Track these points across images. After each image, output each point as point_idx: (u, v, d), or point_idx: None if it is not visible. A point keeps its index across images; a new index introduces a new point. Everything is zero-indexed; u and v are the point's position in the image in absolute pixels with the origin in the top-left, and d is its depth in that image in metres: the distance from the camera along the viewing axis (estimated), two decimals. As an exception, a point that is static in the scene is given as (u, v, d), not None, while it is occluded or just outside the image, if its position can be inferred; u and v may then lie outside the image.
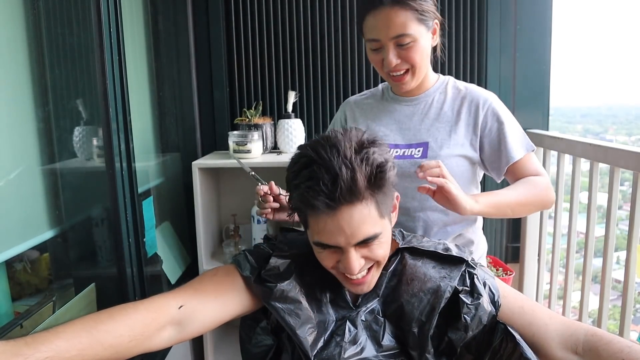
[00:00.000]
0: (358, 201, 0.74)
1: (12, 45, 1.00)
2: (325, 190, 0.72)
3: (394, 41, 1.05)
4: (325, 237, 0.76)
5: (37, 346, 0.60)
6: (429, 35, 1.10)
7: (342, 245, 0.76)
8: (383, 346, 0.83)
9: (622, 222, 1.88)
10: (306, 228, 0.83)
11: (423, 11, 1.04)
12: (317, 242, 0.78)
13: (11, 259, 0.99)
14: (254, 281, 0.83)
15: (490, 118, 1.13)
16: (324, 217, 0.74)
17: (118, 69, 1.17)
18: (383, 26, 1.04)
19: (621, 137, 8.21)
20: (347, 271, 0.78)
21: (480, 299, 0.81)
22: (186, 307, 0.76)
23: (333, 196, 0.72)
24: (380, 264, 0.82)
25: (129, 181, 1.22)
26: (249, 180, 1.95)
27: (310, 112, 1.98)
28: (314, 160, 0.75)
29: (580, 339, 0.78)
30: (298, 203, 0.78)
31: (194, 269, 1.78)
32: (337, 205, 0.73)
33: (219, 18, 1.92)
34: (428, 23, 1.07)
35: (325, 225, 0.75)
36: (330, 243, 0.76)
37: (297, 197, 0.77)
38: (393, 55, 1.06)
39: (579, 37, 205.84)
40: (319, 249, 0.80)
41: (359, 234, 0.75)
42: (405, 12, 1.03)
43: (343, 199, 0.73)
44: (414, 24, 1.04)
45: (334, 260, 0.79)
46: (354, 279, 0.80)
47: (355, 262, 0.77)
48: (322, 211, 0.74)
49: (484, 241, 1.28)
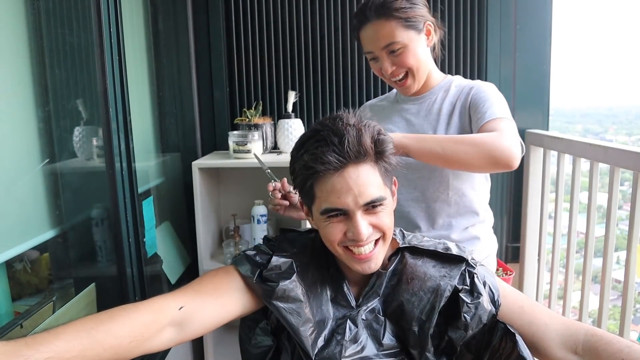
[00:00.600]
0: (364, 162, 0.78)
1: (13, 45, 1.00)
2: (333, 147, 0.76)
3: (385, 50, 1.12)
4: (333, 198, 0.77)
5: (37, 347, 0.60)
6: (422, 37, 1.14)
7: (350, 207, 0.77)
8: (383, 345, 0.83)
9: (622, 222, 1.88)
10: (311, 208, 0.84)
11: (408, 18, 1.10)
12: (325, 209, 0.79)
13: (11, 259, 0.99)
14: (255, 281, 0.83)
15: (475, 95, 1.15)
16: (332, 178, 0.77)
17: (118, 69, 1.17)
18: (372, 39, 1.12)
19: (621, 137, 8.20)
20: (356, 237, 0.78)
21: (480, 298, 0.81)
22: (186, 308, 0.76)
23: (342, 152, 0.76)
24: (386, 238, 0.83)
25: (129, 181, 1.22)
26: (249, 180, 1.96)
27: (310, 112, 1.98)
28: (319, 130, 0.79)
29: (580, 339, 0.78)
30: (305, 169, 0.79)
31: (194, 269, 1.78)
32: (345, 162, 0.76)
33: (219, 18, 1.92)
34: (417, 26, 1.12)
35: (333, 187, 0.77)
36: (338, 206, 0.77)
37: (306, 160, 0.78)
38: (388, 63, 1.13)
39: (579, 37, 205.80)
40: (325, 221, 0.80)
41: (366, 194, 0.77)
42: (389, 23, 1.09)
43: (350, 156, 0.76)
44: (401, 32, 1.10)
45: (341, 231, 0.80)
46: (361, 254, 0.80)
47: (364, 227, 0.78)
48: (330, 172, 0.76)
49: (493, 240, 1.28)
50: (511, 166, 1.00)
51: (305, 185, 0.81)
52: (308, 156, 0.78)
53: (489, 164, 1.00)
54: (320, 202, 0.80)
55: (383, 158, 0.81)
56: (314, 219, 0.86)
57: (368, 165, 0.79)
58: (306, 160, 0.78)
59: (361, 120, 0.80)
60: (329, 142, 0.76)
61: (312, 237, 0.94)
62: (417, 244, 0.90)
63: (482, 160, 1.00)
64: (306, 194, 0.83)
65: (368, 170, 0.78)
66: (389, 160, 0.82)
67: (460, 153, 1.01)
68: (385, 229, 0.81)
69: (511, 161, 0.99)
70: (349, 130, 0.77)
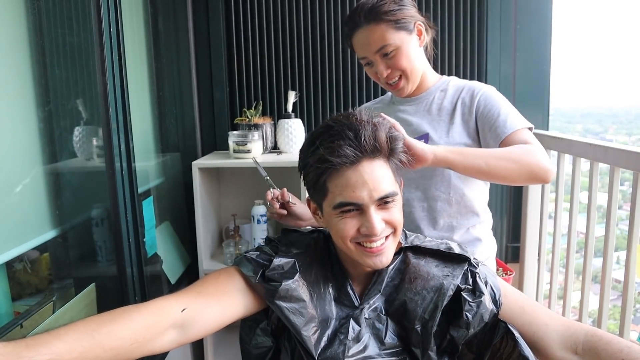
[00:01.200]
0: (378, 157, 0.80)
1: (13, 45, 1.00)
2: (349, 142, 0.77)
3: (378, 54, 1.13)
4: (348, 192, 0.78)
5: (38, 348, 0.60)
6: (413, 37, 1.14)
7: (365, 201, 0.78)
8: (386, 344, 0.83)
9: (622, 222, 1.88)
10: (321, 205, 0.84)
11: (398, 20, 1.10)
12: (340, 203, 0.79)
13: (11, 259, 0.99)
14: (258, 280, 0.83)
15: (483, 102, 1.14)
16: (347, 172, 0.78)
17: (118, 69, 1.17)
18: (364, 44, 1.13)
19: (621, 137, 8.20)
20: (370, 232, 0.78)
21: (482, 297, 0.81)
22: (189, 310, 0.76)
23: (358, 146, 0.77)
24: (397, 233, 0.83)
25: (129, 181, 1.22)
26: (249, 180, 1.96)
27: (310, 112, 1.98)
28: (332, 126, 0.80)
29: (580, 339, 0.78)
30: (320, 162, 0.79)
31: (194, 269, 1.78)
32: (361, 156, 0.77)
33: (219, 18, 1.92)
34: (408, 27, 1.12)
35: (348, 181, 0.78)
36: (353, 200, 0.78)
37: (321, 153, 0.78)
38: (382, 67, 1.14)
39: (579, 37, 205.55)
40: (338, 217, 0.81)
41: (380, 188, 0.78)
42: (379, 26, 1.10)
43: (367, 150, 0.77)
44: (391, 34, 1.11)
45: (354, 226, 0.80)
46: (373, 247, 0.80)
47: (377, 221, 0.78)
48: (346, 166, 0.77)
49: (493, 242, 1.28)
50: (548, 181, 1.04)
51: (319, 181, 0.81)
52: (324, 149, 0.78)
53: (528, 179, 1.04)
54: (334, 196, 0.80)
55: (395, 155, 0.82)
56: (324, 216, 0.86)
57: (381, 161, 0.80)
58: (321, 154, 0.78)
59: (374, 117, 0.82)
60: (344, 137, 0.77)
61: (314, 237, 0.94)
62: (419, 243, 0.90)
63: (523, 176, 1.02)
64: (318, 190, 0.83)
65: (381, 166, 0.80)
66: (399, 158, 0.83)
67: (504, 170, 1.02)
68: (397, 224, 0.82)
69: (549, 176, 1.03)
70: (364, 125, 0.78)
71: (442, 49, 1.91)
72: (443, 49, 1.92)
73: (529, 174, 1.02)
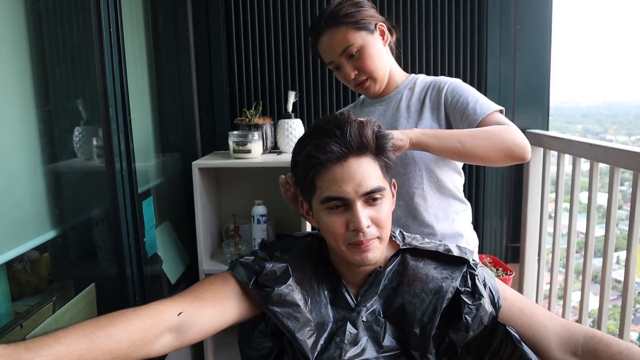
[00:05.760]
0: (365, 155, 0.81)
1: (13, 45, 1.00)
2: (335, 138, 0.79)
3: (344, 56, 1.16)
4: (334, 187, 0.79)
5: (37, 350, 0.60)
6: (376, 37, 1.17)
7: (351, 196, 0.79)
8: (384, 347, 0.83)
9: (622, 222, 1.88)
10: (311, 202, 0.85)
11: (357, 21, 1.13)
12: (326, 197, 0.80)
13: (11, 259, 0.99)
14: (251, 286, 0.83)
15: (450, 94, 1.16)
16: (334, 167, 0.80)
17: (118, 69, 1.17)
18: (329, 48, 1.17)
19: (621, 137, 8.21)
20: (357, 226, 0.79)
21: (482, 299, 0.81)
22: (185, 314, 0.77)
23: (344, 142, 0.79)
24: (382, 240, 0.83)
25: (129, 181, 1.22)
26: (249, 180, 1.96)
27: (310, 112, 1.98)
28: (320, 125, 0.83)
29: (580, 340, 0.79)
30: (307, 159, 0.81)
31: (194, 269, 1.78)
32: (347, 152, 0.79)
33: (219, 18, 1.92)
34: (368, 27, 1.15)
35: (335, 176, 0.80)
36: (339, 194, 0.79)
37: (308, 150, 0.81)
38: (349, 69, 1.17)
39: (578, 36, 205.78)
40: (326, 213, 0.82)
41: (366, 183, 0.79)
42: (340, 29, 1.13)
43: (352, 146, 0.79)
44: (352, 34, 1.14)
45: (343, 222, 0.81)
46: (361, 240, 0.80)
47: (364, 217, 0.79)
48: (332, 162, 0.79)
49: (474, 237, 1.28)
50: (526, 158, 1.03)
51: (307, 177, 0.82)
52: (311, 147, 0.81)
53: (505, 158, 1.03)
54: (322, 191, 0.81)
55: (383, 153, 0.84)
56: (314, 214, 0.86)
57: (369, 158, 0.82)
58: (309, 151, 0.80)
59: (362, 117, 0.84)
60: (331, 134, 0.80)
61: (308, 241, 0.94)
62: (418, 245, 0.90)
63: (500, 154, 1.02)
64: (307, 187, 0.84)
65: (369, 163, 0.81)
66: (388, 156, 0.84)
67: (479, 148, 1.02)
68: (383, 223, 0.82)
69: (526, 153, 1.03)
70: (351, 122, 0.81)
71: (442, 49, 1.91)
72: (443, 49, 1.92)
73: (505, 152, 1.02)
